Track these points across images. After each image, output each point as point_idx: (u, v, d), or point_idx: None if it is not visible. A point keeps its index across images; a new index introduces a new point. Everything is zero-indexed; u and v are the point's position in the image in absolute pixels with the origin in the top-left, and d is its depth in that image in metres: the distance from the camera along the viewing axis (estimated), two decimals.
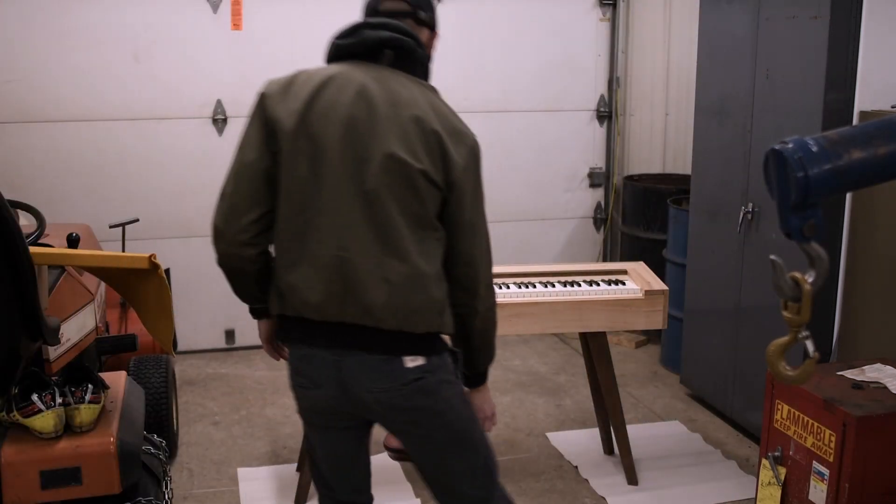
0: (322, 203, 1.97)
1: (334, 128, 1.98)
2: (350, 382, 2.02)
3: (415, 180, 1.96)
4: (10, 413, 2.23)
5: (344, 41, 2.11)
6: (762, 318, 3.79)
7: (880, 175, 1.57)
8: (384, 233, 1.96)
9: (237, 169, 2.09)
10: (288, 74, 2.11)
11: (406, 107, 1.99)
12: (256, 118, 2.08)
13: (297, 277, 1.99)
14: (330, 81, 2.05)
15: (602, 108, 5.58)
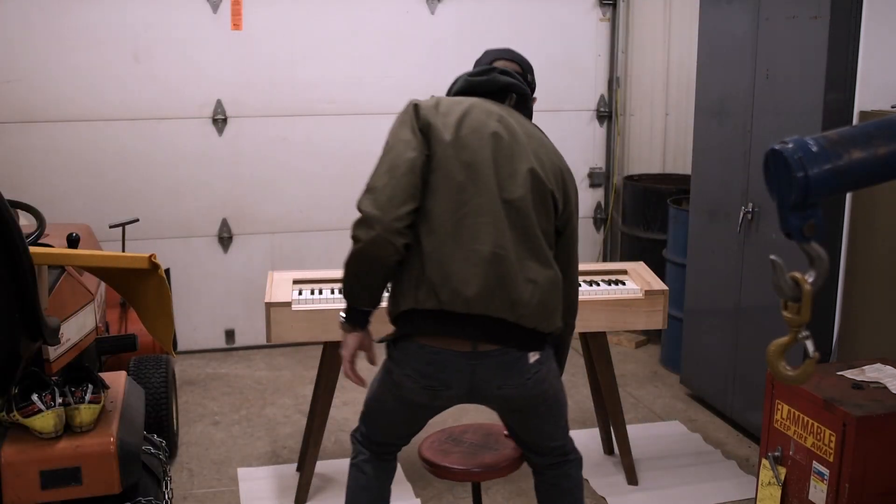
0: (478, 206, 2.17)
1: (485, 143, 2.21)
2: (481, 383, 2.24)
3: (547, 198, 2.24)
4: (10, 413, 2.23)
5: (477, 78, 2.38)
6: (762, 318, 3.79)
7: (880, 175, 1.56)
8: (528, 239, 2.20)
9: (393, 163, 2.20)
10: (430, 99, 2.32)
11: (535, 139, 2.30)
12: (409, 123, 2.25)
13: (452, 271, 2.14)
14: (473, 107, 2.27)
15: (602, 108, 5.58)
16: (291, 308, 3.15)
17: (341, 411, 4.27)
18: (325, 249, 5.21)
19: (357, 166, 5.17)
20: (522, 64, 2.57)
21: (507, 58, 2.54)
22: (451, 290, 2.14)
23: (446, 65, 5.24)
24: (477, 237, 2.16)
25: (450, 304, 2.15)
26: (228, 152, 4.99)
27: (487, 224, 2.16)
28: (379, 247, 2.15)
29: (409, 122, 2.24)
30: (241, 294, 5.13)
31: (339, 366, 3.31)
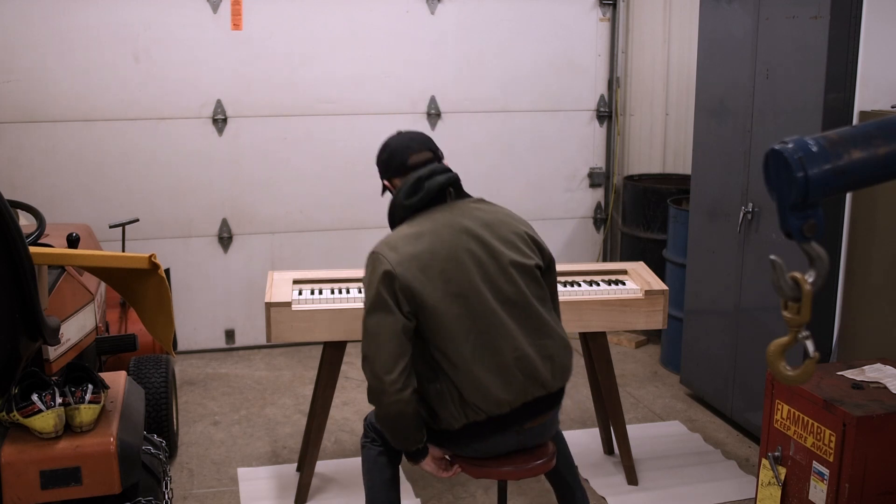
0: (484, 326, 2.43)
1: (465, 265, 2.43)
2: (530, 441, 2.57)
3: (533, 273, 2.51)
4: (10, 413, 2.23)
5: (412, 200, 2.51)
6: (762, 318, 3.79)
7: (880, 175, 1.56)
8: (531, 320, 2.48)
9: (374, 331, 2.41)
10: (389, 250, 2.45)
11: (493, 224, 2.52)
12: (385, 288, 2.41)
13: (488, 389, 2.42)
14: (435, 236, 2.45)
15: (602, 108, 5.58)
16: (291, 308, 3.16)
17: (341, 411, 4.27)
18: (325, 249, 5.21)
19: (357, 166, 5.20)
20: (429, 145, 2.64)
21: (417, 149, 2.61)
22: (494, 402, 2.43)
23: (446, 65, 5.26)
24: (495, 350, 2.43)
25: (497, 411, 2.45)
26: (228, 152, 4.99)
27: (497, 336, 2.43)
28: (394, 408, 2.39)
29: (382, 287, 2.40)
30: (241, 294, 5.13)
31: (339, 366, 3.31)
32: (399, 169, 2.58)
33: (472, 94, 5.27)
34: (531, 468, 2.54)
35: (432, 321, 2.41)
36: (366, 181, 5.22)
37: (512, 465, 2.53)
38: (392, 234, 2.52)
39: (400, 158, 2.59)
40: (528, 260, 2.50)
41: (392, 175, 2.61)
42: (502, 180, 5.33)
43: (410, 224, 2.51)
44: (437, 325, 2.41)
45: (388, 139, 2.67)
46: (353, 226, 5.26)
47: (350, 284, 3.38)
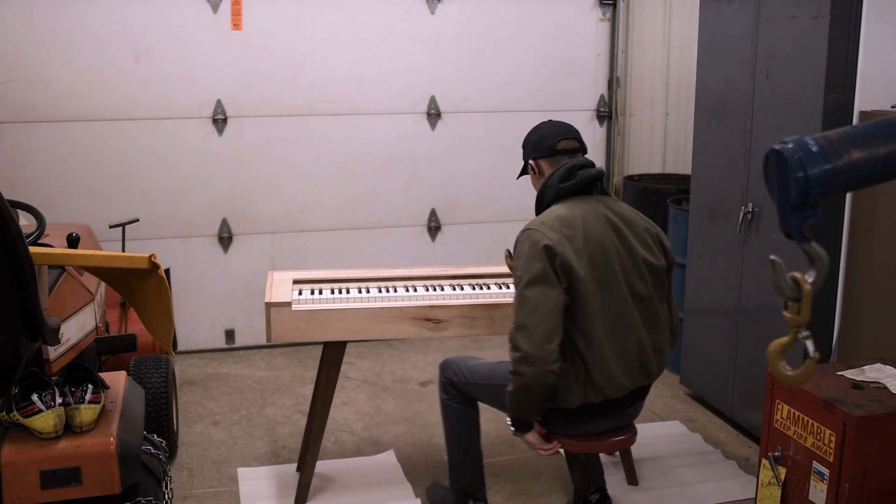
0: (617, 313, 2.61)
1: (609, 256, 2.61)
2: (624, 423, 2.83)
3: (661, 272, 2.72)
4: (10, 413, 2.23)
5: (566, 184, 2.70)
6: (762, 318, 3.79)
7: (880, 175, 1.56)
8: (652, 316, 2.69)
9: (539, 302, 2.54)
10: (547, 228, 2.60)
11: (630, 222, 2.70)
12: (543, 262, 2.55)
13: (612, 371, 2.61)
14: (585, 224, 2.62)
15: (602, 108, 5.58)
16: (291, 308, 3.15)
17: (341, 411, 4.27)
18: (325, 249, 5.21)
19: (357, 166, 5.20)
20: (577, 136, 2.83)
21: (568, 136, 2.80)
22: (615, 386, 2.62)
23: (446, 65, 5.26)
24: (624, 337, 2.62)
25: (613, 395, 2.65)
26: (228, 152, 4.99)
27: (627, 325, 2.63)
28: (542, 379, 2.53)
29: (541, 261, 2.54)
30: (241, 294, 5.13)
31: (339, 366, 3.31)
32: (548, 151, 2.78)
33: (472, 94, 5.27)
34: (616, 442, 2.80)
35: (578, 301, 2.56)
36: (366, 181, 5.23)
37: (603, 440, 2.78)
38: (545, 215, 2.67)
39: (550, 142, 2.78)
40: (656, 260, 2.70)
41: (540, 156, 2.80)
42: (502, 180, 5.32)
43: (562, 207, 2.68)
44: (582, 305, 2.56)
45: (541, 123, 2.87)
46: (353, 226, 5.26)
47: (350, 284, 3.38)
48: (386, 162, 5.24)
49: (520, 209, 5.45)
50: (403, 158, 5.25)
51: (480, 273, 3.51)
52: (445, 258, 5.29)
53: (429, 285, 3.37)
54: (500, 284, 3.39)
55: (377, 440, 3.98)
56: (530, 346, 2.50)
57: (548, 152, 2.78)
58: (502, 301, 3.23)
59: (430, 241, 5.41)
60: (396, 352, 5.14)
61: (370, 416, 4.25)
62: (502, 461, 3.77)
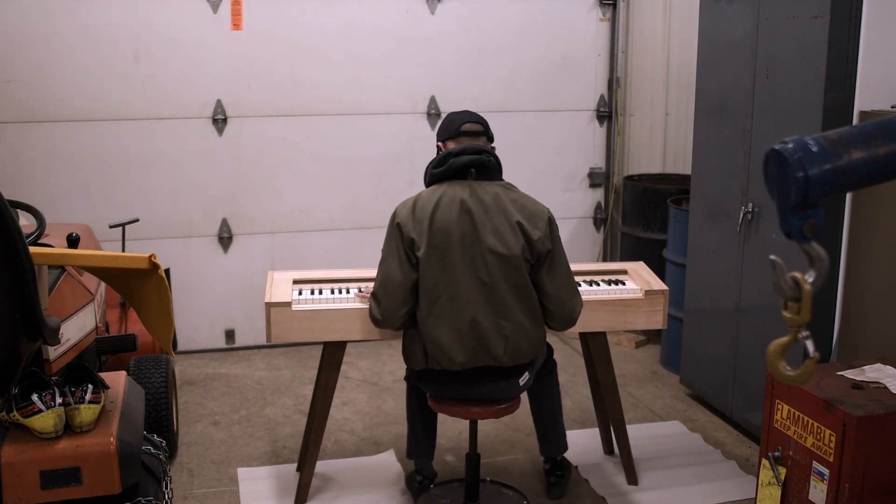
0: (451, 292, 2.81)
1: (452, 239, 2.80)
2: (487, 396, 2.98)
3: (511, 262, 2.81)
4: (10, 413, 2.23)
5: (438, 170, 2.91)
6: (762, 318, 3.79)
7: (880, 175, 1.56)
8: (496, 303, 2.82)
9: (386, 277, 2.87)
10: (407, 205, 2.89)
11: (490, 210, 2.83)
12: (395, 240, 2.86)
13: (443, 344, 2.83)
14: (440, 203, 2.83)
15: (602, 108, 5.58)
16: (291, 308, 3.16)
17: (341, 411, 4.27)
18: (325, 249, 5.21)
19: (357, 166, 5.20)
20: (483, 122, 3.05)
21: (471, 119, 3.03)
22: (447, 359, 2.84)
23: (446, 65, 5.26)
24: (457, 316, 2.81)
25: (447, 366, 2.86)
26: (228, 152, 4.99)
27: (460, 305, 2.81)
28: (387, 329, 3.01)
29: (394, 238, 2.85)
30: (241, 294, 5.13)
31: (339, 366, 3.31)
32: (454, 132, 3.00)
33: (472, 94, 5.27)
34: (485, 412, 2.97)
35: (420, 276, 2.83)
36: (366, 181, 5.23)
37: (468, 408, 2.98)
38: (413, 196, 2.91)
39: (455, 124, 3.01)
40: (505, 250, 2.80)
41: (447, 137, 3.01)
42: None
43: (429, 190, 2.91)
44: (422, 281, 2.83)
45: (452, 111, 3.12)
46: (353, 226, 5.26)
47: (350, 284, 3.38)
48: (386, 162, 5.24)
49: None
50: (403, 158, 5.25)
51: None
52: None
53: None
54: None
55: (377, 440, 3.98)
56: (378, 313, 2.88)
57: (454, 133, 3.00)
58: None
59: None
60: (396, 352, 5.14)
61: (370, 416, 4.25)
62: (502, 461, 3.77)
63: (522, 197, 2.93)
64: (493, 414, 2.98)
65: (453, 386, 2.94)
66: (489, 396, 2.97)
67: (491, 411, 2.98)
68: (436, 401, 3.04)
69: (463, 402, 2.98)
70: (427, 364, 2.91)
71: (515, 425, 4.10)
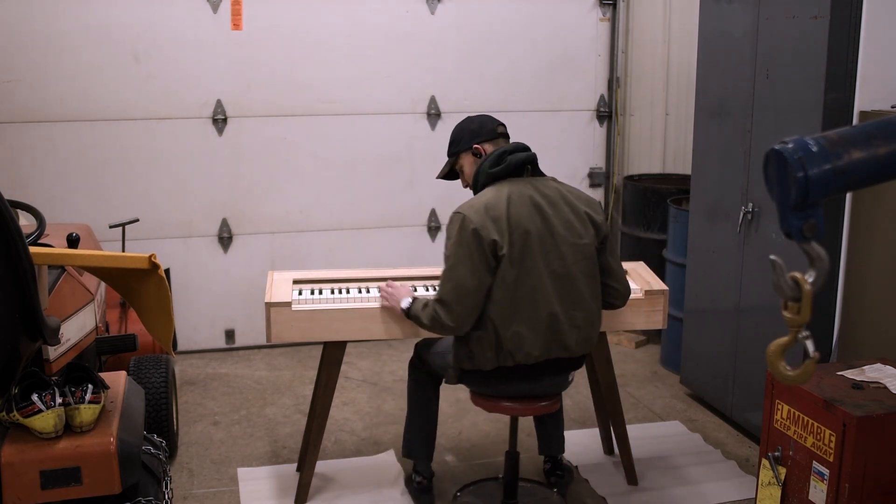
0: (529, 287, 2.81)
1: (530, 237, 2.81)
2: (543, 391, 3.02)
3: (583, 250, 2.87)
4: (10, 413, 2.23)
5: (495, 169, 2.92)
6: (762, 318, 3.79)
7: (880, 175, 1.56)
8: (571, 294, 2.86)
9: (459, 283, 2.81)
10: (476, 210, 2.83)
11: (555, 204, 2.88)
12: (469, 246, 2.79)
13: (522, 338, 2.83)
14: (510, 203, 2.83)
15: (602, 108, 5.58)
16: (291, 308, 3.15)
17: (341, 411, 4.27)
18: (325, 249, 5.21)
19: (357, 166, 5.20)
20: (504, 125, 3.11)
21: (499, 122, 3.09)
22: (524, 353, 2.84)
23: (446, 65, 5.26)
24: (535, 309, 2.82)
25: (523, 361, 2.85)
26: (228, 152, 4.99)
27: (538, 299, 2.82)
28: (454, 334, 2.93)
29: (468, 245, 2.78)
30: (241, 294, 5.13)
31: (339, 366, 3.31)
32: (490, 133, 3.04)
33: (472, 94, 5.27)
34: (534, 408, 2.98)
35: (497, 275, 2.80)
36: (366, 181, 5.23)
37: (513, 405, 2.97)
38: (475, 199, 2.88)
39: (490, 126, 3.05)
40: (578, 239, 2.87)
41: (484, 139, 3.03)
42: None
43: (491, 190, 2.89)
44: (500, 280, 2.80)
45: (469, 117, 3.12)
46: (353, 226, 5.26)
47: (350, 284, 3.38)
48: (386, 162, 5.24)
49: None
50: (403, 158, 5.25)
51: None
52: None
53: (429, 285, 3.37)
54: None
55: (377, 440, 3.98)
56: (451, 320, 2.82)
57: (491, 135, 3.04)
58: None
59: (430, 241, 5.41)
60: (396, 352, 5.14)
61: (370, 416, 4.25)
62: (502, 461, 3.76)
63: (573, 188, 3.02)
64: (535, 410, 3.00)
65: (517, 384, 2.94)
66: (547, 391, 2.99)
67: (534, 408, 2.98)
68: (484, 399, 3.01)
69: (507, 398, 2.98)
70: (498, 362, 2.87)
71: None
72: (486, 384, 2.97)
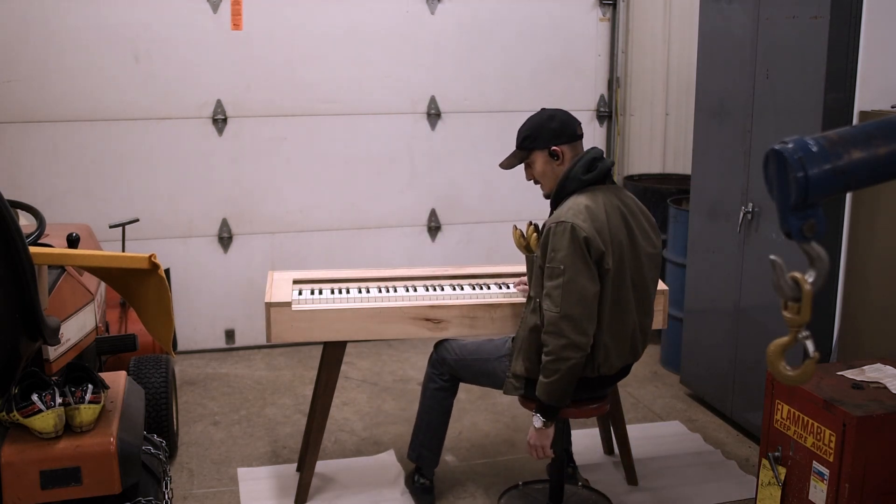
0: (618, 298, 2.79)
1: (623, 248, 2.79)
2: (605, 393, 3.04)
3: (656, 260, 2.93)
4: (10, 413, 2.23)
5: (588, 176, 2.85)
6: (762, 318, 3.79)
7: (880, 175, 1.56)
8: (645, 303, 2.90)
9: (583, 294, 2.71)
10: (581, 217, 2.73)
11: (634, 213, 2.88)
12: (583, 254, 2.70)
13: (610, 349, 2.81)
14: (608, 216, 2.77)
15: (602, 108, 5.58)
16: (291, 308, 3.16)
17: (341, 411, 4.27)
18: (325, 249, 5.21)
19: (357, 166, 5.20)
20: None
21: (577, 122, 2.96)
22: (609, 364, 2.82)
23: (446, 65, 5.26)
24: (622, 321, 2.81)
25: (607, 372, 2.84)
26: (228, 152, 4.99)
27: (625, 310, 2.81)
28: (582, 362, 2.74)
29: (582, 253, 2.69)
30: (241, 294, 5.13)
31: (339, 366, 3.31)
32: (571, 136, 2.90)
33: (472, 94, 5.27)
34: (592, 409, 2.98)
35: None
36: (366, 181, 5.23)
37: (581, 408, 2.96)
38: (575, 207, 2.75)
39: (571, 128, 2.91)
40: (653, 249, 2.90)
41: (565, 141, 2.88)
42: (502, 180, 5.32)
43: (586, 198, 2.79)
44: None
45: (544, 111, 2.98)
46: (353, 226, 5.26)
47: (350, 284, 3.38)
48: (386, 162, 5.24)
49: (519, 209, 5.45)
50: (403, 158, 5.25)
51: (480, 273, 3.52)
52: (445, 258, 5.29)
53: (429, 285, 3.37)
54: (500, 284, 3.39)
55: (377, 440, 3.98)
56: (577, 335, 2.68)
57: (571, 138, 2.89)
58: (502, 301, 3.23)
59: (430, 241, 5.41)
60: (396, 352, 5.14)
61: (370, 416, 4.25)
62: (502, 461, 3.77)
63: (633, 197, 3.02)
64: (587, 413, 2.99)
65: (598, 392, 2.96)
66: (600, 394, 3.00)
67: (587, 410, 2.98)
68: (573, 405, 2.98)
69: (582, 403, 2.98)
70: (583, 373, 2.80)
71: (515, 425, 4.10)
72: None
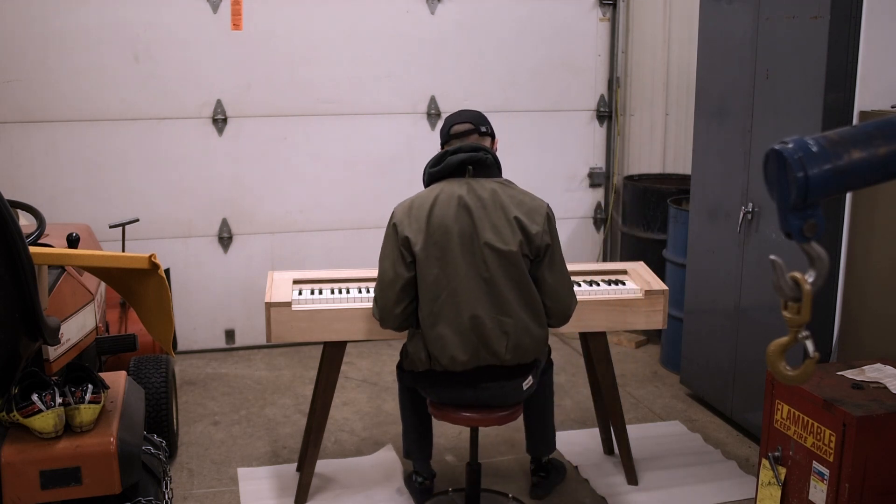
0: (452, 289, 2.81)
1: (450, 236, 2.81)
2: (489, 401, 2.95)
3: (510, 258, 2.80)
4: (10, 413, 2.23)
5: (435, 169, 2.94)
6: (762, 318, 3.79)
7: (880, 175, 1.56)
8: (496, 299, 2.82)
9: (382, 278, 2.89)
10: (404, 205, 2.91)
11: (488, 206, 2.84)
12: (392, 240, 2.87)
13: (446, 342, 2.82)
14: (437, 200, 2.85)
15: (602, 108, 5.58)
16: (291, 308, 3.16)
17: (341, 411, 4.27)
18: (325, 249, 5.21)
19: (357, 166, 5.20)
20: (473, 120, 3.02)
21: (461, 120, 3.02)
22: (448, 358, 2.83)
23: (446, 65, 5.26)
24: (457, 313, 2.81)
25: (449, 366, 2.85)
26: (228, 152, 4.99)
27: (460, 302, 2.81)
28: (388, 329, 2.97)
29: (393, 239, 2.86)
30: (241, 294, 5.13)
31: (339, 366, 3.31)
32: (445, 136, 3.03)
33: (472, 94, 5.27)
34: (486, 419, 2.93)
35: (418, 275, 2.84)
36: (366, 181, 5.23)
37: (469, 415, 2.93)
38: (412, 196, 2.93)
39: (446, 128, 3.04)
40: (504, 245, 2.80)
41: (442, 142, 3.05)
42: None
43: (428, 189, 2.93)
44: (420, 279, 2.84)
45: (452, 112, 3.14)
46: (353, 226, 5.26)
47: (350, 284, 3.38)
48: (386, 162, 5.24)
49: None
50: (403, 158, 5.25)
51: None
52: None
53: None
54: None
55: (377, 440, 3.98)
56: (376, 312, 2.92)
57: (445, 138, 3.04)
58: None
59: None
60: (396, 352, 5.14)
61: (370, 416, 4.25)
62: (502, 461, 3.77)
63: (520, 193, 2.94)
64: (494, 421, 2.94)
65: (455, 389, 2.90)
66: (492, 401, 2.92)
67: (492, 418, 2.93)
68: (436, 408, 3.00)
69: (464, 408, 2.94)
70: (430, 365, 2.88)
71: (516, 425, 4.10)
72: (420, 384, 3.01)
